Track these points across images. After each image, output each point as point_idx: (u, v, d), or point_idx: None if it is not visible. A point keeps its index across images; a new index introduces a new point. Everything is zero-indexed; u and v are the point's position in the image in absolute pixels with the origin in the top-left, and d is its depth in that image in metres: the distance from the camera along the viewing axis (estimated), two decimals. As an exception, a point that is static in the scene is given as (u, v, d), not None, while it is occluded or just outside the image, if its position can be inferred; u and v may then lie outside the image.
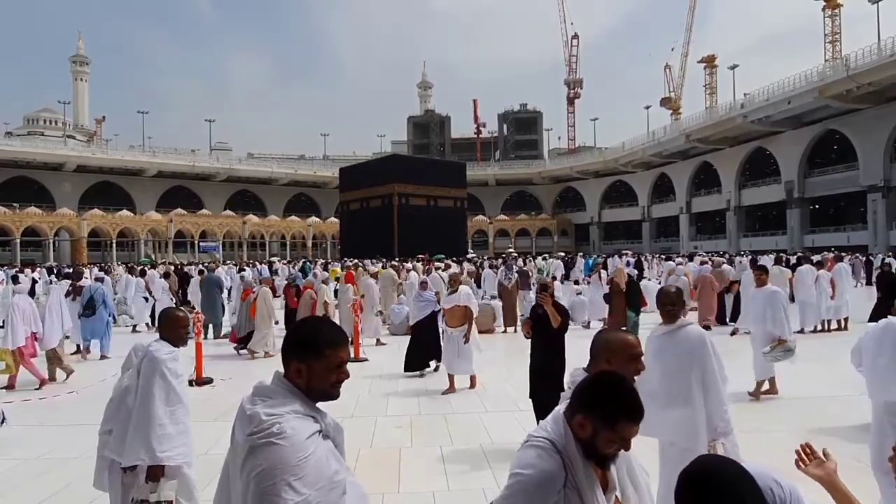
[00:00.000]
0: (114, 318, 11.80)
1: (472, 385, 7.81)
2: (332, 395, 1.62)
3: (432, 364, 8.91)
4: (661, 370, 3.42)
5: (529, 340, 5.52)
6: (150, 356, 3.14)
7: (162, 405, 3.05)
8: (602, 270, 13.13)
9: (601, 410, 1.57)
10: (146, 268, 18.86)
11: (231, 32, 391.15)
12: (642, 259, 30.51)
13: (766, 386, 7.10)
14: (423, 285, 9.29)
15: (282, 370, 1.63)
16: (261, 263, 29.49)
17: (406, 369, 8.70)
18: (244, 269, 21.49)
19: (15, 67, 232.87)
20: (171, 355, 3.19)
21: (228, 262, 36.03)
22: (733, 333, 11.58)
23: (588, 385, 1.66)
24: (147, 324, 14.25)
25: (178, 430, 3.10)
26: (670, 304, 3.53)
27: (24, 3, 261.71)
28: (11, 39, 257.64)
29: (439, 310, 8.68)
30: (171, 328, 3.30)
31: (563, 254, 35.68)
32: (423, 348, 8.77)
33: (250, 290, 11.50)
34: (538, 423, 5.65)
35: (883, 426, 3.62)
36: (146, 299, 14.70)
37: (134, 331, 14.02)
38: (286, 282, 13.93)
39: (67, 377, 8.56)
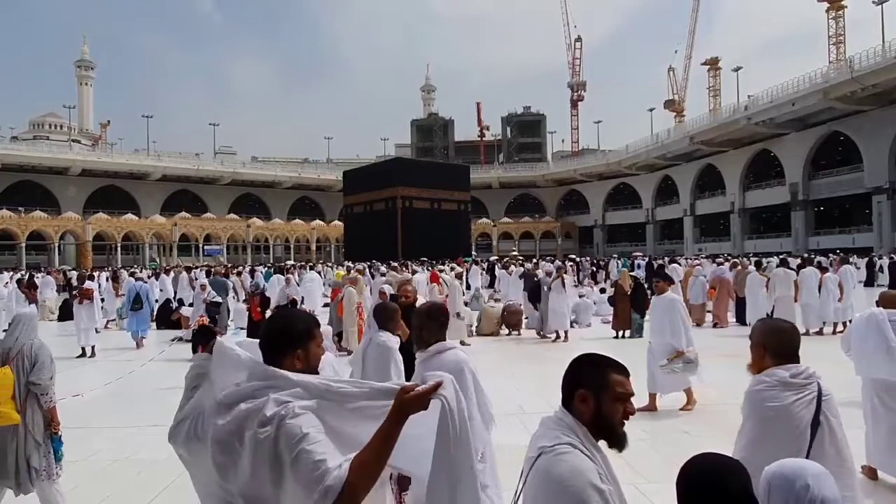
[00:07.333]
0: (153, 313, 12.04)
1: None
2: (317, 369, 1.78)
3: None
4: None
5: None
6: (383, 345, 3.58)
7: None
8: (564, 276, 13.13)
9: (591, 376, 1.67)
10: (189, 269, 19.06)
11: (236, 37, 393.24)
12: (674, 262, 29.47)
13: (659, 401, 6.51)
14: (383, 295, 8.11)
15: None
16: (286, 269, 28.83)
17: None
18: (287, 273, 21.64)
19: (20, 72, 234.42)
20: (397, 344, 3.64)
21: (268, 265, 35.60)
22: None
23: (573, 365, 1.75)
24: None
25: None
26: (417, 327, 3.13)
27: (29, 8, 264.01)
28: (16, 44, 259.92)
29: None
30: (391, 320, 3.81)
31: (574, 257, 35.34)
32: None
33: (339, 289, 11.69)
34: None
35: (871, 400, 4.22)
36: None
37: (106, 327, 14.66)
38: (251, 290, 13.21)
39: None
